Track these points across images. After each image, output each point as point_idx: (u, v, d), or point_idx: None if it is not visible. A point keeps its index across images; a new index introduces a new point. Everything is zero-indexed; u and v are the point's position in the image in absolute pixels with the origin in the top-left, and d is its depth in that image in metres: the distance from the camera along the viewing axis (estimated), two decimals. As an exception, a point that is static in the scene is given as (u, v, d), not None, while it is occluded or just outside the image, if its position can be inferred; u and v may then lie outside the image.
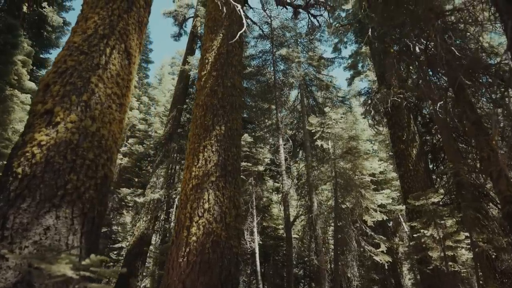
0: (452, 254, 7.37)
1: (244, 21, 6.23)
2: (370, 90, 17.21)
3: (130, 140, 18.38)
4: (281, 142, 13.22)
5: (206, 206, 6.33)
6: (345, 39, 21.61)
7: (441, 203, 9.76)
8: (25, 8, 17.75)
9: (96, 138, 3.79)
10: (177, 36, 23.87)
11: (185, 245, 5.95)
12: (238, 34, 6.27)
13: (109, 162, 3.94)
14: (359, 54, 22.44)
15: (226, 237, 6.10)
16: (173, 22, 23.10)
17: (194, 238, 5.97)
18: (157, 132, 23.25)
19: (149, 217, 13.56)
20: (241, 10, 6.14)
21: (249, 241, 11.10)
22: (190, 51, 20.60)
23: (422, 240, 7.62)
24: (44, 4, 16.31)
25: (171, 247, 6.34)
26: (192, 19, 22.83)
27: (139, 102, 21.79)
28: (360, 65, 23.60)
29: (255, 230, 11.06)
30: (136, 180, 18.50)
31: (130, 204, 18.26)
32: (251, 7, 12.01)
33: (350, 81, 24.50)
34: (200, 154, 6.98)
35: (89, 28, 4.49)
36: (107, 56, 4.33)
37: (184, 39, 24.00)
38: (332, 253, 12.91)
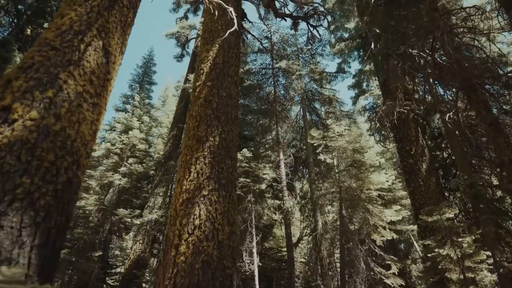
0: (472, 276, 6.60)
1: (235, 21, 5.90)
2: (375, 105, 16.74)
3: (130, 160, 18.00)
4: (281, 156, 12.68)
5: (197, 222, 5.77)
6: (349, 59, 21.46)
7: (455, 221, 9.02)
8: (29, 31, 17.98)
9: (59, 138, 3.32)
10: (179, 57, 24.05)
11: (172, 265, 5.36)
12: (228, 33, 5.92)
13: (75, 166, 3.45)
14: (363, 73, 22.22)
15: (219, 257, 5.48)
16: (176, 43, 23.33)
17: (182, 258, 5.38)
18: (159, 154, 22.91)
19: (145, 239, 12.90)
20: (232, 12, 5.83)
21: (248, 263, 10.33)
22: (192, 70, 20.55)
23: (438, 260, 6.88)
24: (46, 25, 16.47)
25: (159, 268, 5.78)
26: (194, 39, 23.00)
27: (140, 122, 21.59)
28: (364, 84, 23.33)
29: (254, 250, 10.30)
30: (137, 201, 17.94)
31: (129, 227, 17.61)
32: (250, 21, 11.83)
33: (355, 100, 24.12)
34: (192, 167, 6.51)
35: (64, 24, 4.14)
36: (80, 53, 3.95)
37: (187, 59, 24.15)
38: (340, 276, 11.98)
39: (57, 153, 3.24)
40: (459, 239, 6.80)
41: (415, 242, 15.56)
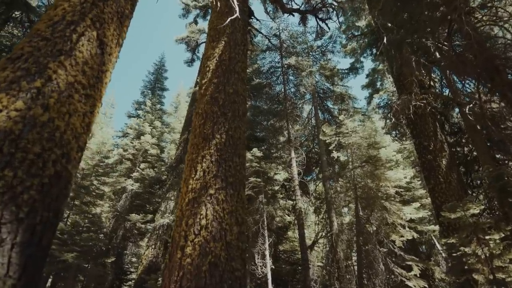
0: (503, 277, 6.08)
1: (237, 9, 5.66)
2: (389, 102, 16.19)
3: (142, 165, 18.00)
4: (293, 155, 12.31)
5: (203, 222, 5.48)
6: (361, 58, 20.98)
7: (480, 219, 8.46)
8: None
9: (47, 130, 3.11)
10: (190, 62, 24.06)
11: (178, 268, 5.07)
12: (228, 20, 5.68)
13: (65, 159, 3.23)
14: (376, 72, 21.71)
15: (227, 259, 5.17)
16: (186, 48, 23.35)
17: (188, 260, 5.08)
18: (172, 159, 22.89)
19: (158, 244, 12.72)
20: (234, 1, 5.59)
21: (260, 266, 9.96)
22: (202, 74, 20.47)
23: (464, 260, 6.38)
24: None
25: (164, 271, 5.51)
26: (204, 44, 22.98)
27: (151, 127, 21.66)
28: (378, 83, 22.79)
29: (267, 253, 9.91)
30: (149, 207, 17.86)
31: (143, 232, 17.53)
32: (257, 19, 11.64)
33: (369, 100, 23.58)
34: (198, 165, 6.25)
35: (57, 15, 3.98)
36: (73, 43, 3.76)
37: (197, 64, 24.15)
38: (357, 279, 11.44)
39: (44, 145, 3.03)
40: (486, 237, 6.30)
41: (437, 243, 14.85)
